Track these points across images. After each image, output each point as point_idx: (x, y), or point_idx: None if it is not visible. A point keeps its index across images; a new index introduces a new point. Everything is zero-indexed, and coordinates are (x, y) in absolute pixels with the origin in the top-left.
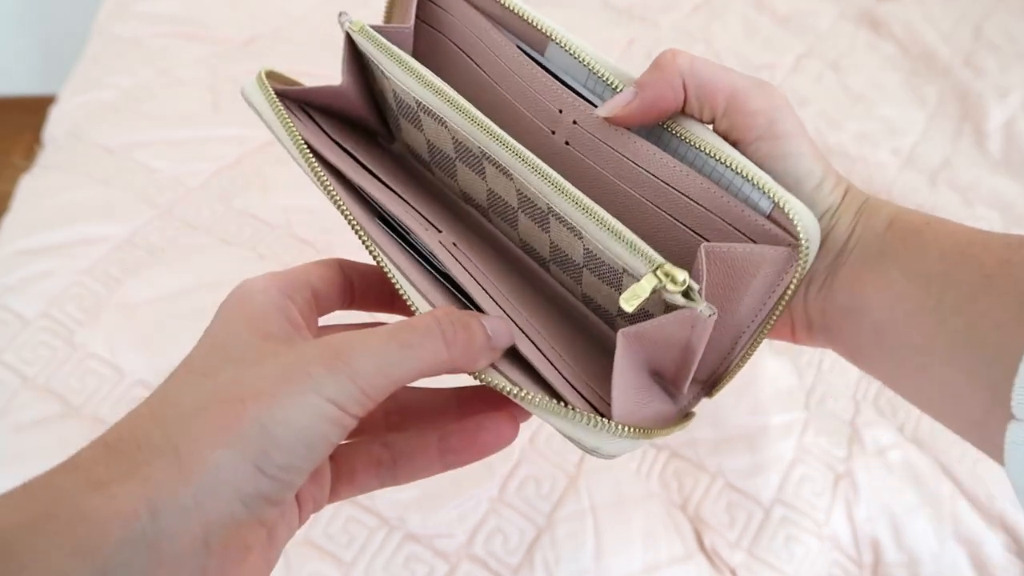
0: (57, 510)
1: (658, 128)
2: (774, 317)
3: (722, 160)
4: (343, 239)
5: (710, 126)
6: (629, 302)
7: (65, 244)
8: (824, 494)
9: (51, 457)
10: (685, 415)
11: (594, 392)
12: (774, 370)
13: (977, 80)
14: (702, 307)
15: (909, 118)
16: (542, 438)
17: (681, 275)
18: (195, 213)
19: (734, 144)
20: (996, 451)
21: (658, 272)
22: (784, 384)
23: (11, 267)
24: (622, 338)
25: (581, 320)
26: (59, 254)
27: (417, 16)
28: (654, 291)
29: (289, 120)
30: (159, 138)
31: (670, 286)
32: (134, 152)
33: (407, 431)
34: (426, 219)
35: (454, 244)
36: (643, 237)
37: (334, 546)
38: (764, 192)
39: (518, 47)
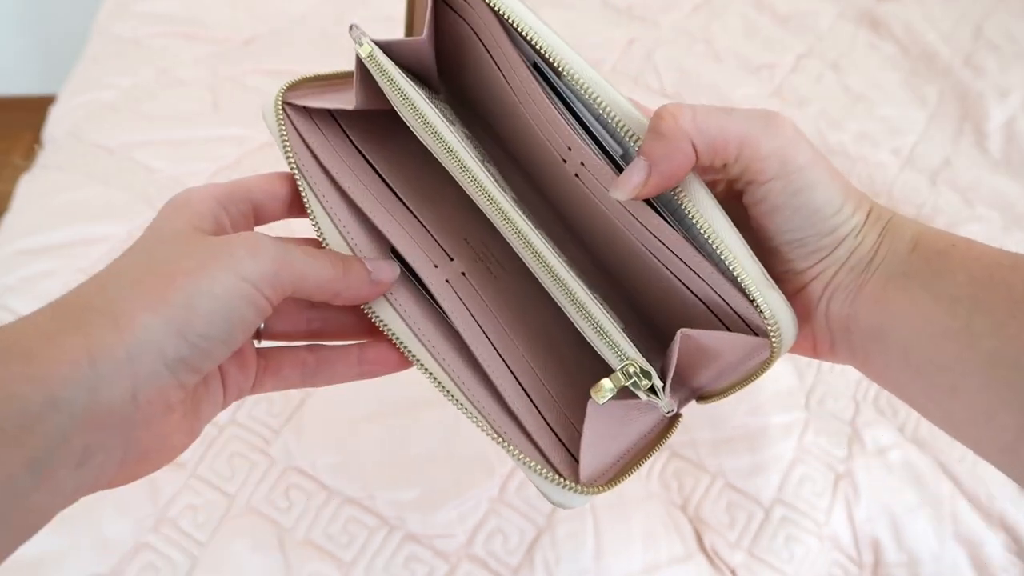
0: (11, 349)
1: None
2: (749, 382)
3: (718, 248)
4: None
5: (720, 176)
6: (599, 394)
7: (65, 244)
8: (824, 494)
9: None
10: (672, 419)
11: (575, 430)
12: (774, 370)
13: (977, 80)
14: (663, 403)
15: (909, 118)
16: None
17: (645, 382)
18: None
19: (748, 184)
20: None
21: (627, 369)
22: (784, 384)
23: (11, 267)
24: (592, 407)
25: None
26: (59, 254)
27: (446, 2)
28: (623, 387)
29: (291, 156)
30: (159, 138)
31: (641, 382)
32: (134, 152)
33: (326, 340)
34: (439, 244)
35: (463, 274)
36: (643, 287)
37: (334, 546)
38: (745, 290)
39: (534, 65)
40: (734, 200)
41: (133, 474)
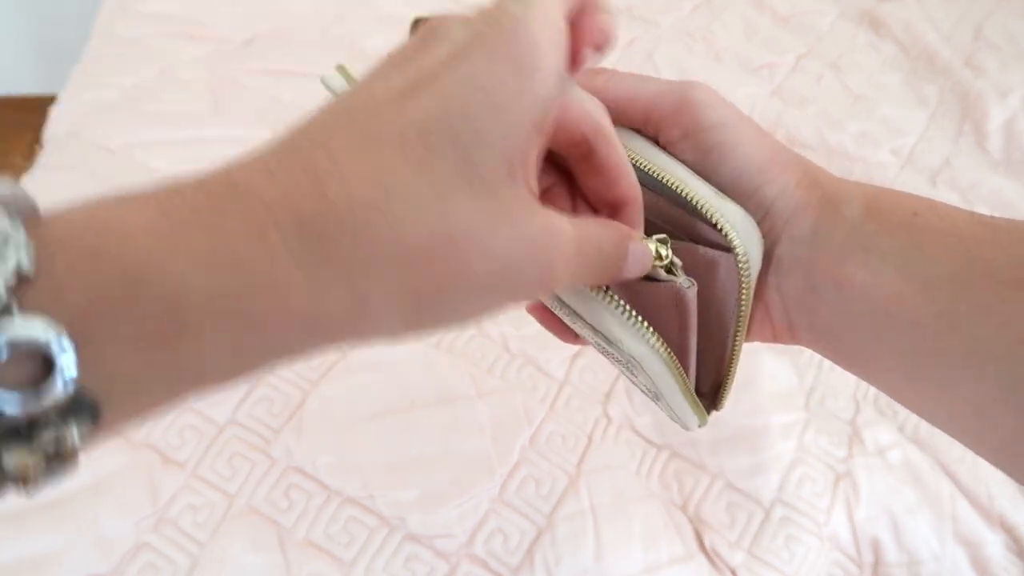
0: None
1: None
2: (741, 322)
3: (659, 176)
4: None
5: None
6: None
7: None
8: (824, 494)
9: None
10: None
11: None
12: (774, 370)
13: (977, 80)
14: (681, 279)
15: (909, 118)
16: (542, 438)
17: (665, 250)
18: None
19: (664, 147)
20: None
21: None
22: (784, 384)
23: None
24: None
25: None
26: None
27: None
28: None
29: None
30: (159, 138)
31: (655, 261)
32: (134, 152)
33: None
34: None
35: None
36: None
37: (334, 546)
38: (695, 204)
39: None
40: None
41: None
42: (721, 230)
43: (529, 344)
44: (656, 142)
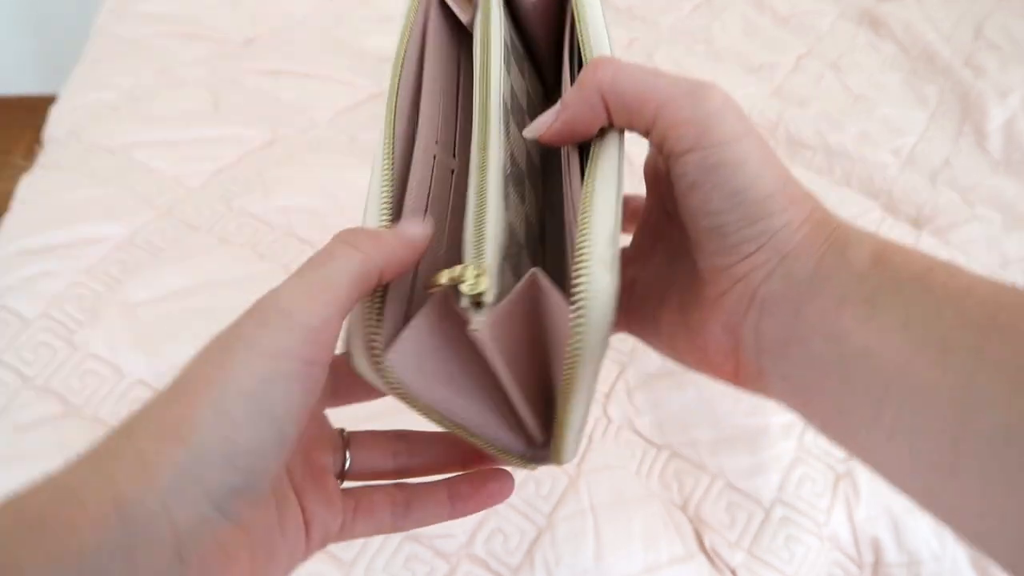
0: (29, 520)
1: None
2: (571, 390)
3: (585, 201)
4: None
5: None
6: (435, 283)
7: (65, 244)
8: (824, 494)
9: (51, 457)
10: (528, 460)
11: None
12: None
13: (977, 80)
14: (475, 320)
15: (909, 118)
16: None
17: (484, 284)
18: (195, 213)
19: (668, 156)
20: None
21: (468, 268)
22: None
23: (11, 267)
24: (429, 302)
25: None
26: (59, 254)
27: None
28: (451, 280)
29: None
30: (159, 138)
31: (463, 286)
32: (134, 152)
33: (414, 476)
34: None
35: (451, 171)
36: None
37: (334, 546)
38: (578, 250)
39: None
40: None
41: None
42: (574, 295)
43: None
44: (655, 148)
